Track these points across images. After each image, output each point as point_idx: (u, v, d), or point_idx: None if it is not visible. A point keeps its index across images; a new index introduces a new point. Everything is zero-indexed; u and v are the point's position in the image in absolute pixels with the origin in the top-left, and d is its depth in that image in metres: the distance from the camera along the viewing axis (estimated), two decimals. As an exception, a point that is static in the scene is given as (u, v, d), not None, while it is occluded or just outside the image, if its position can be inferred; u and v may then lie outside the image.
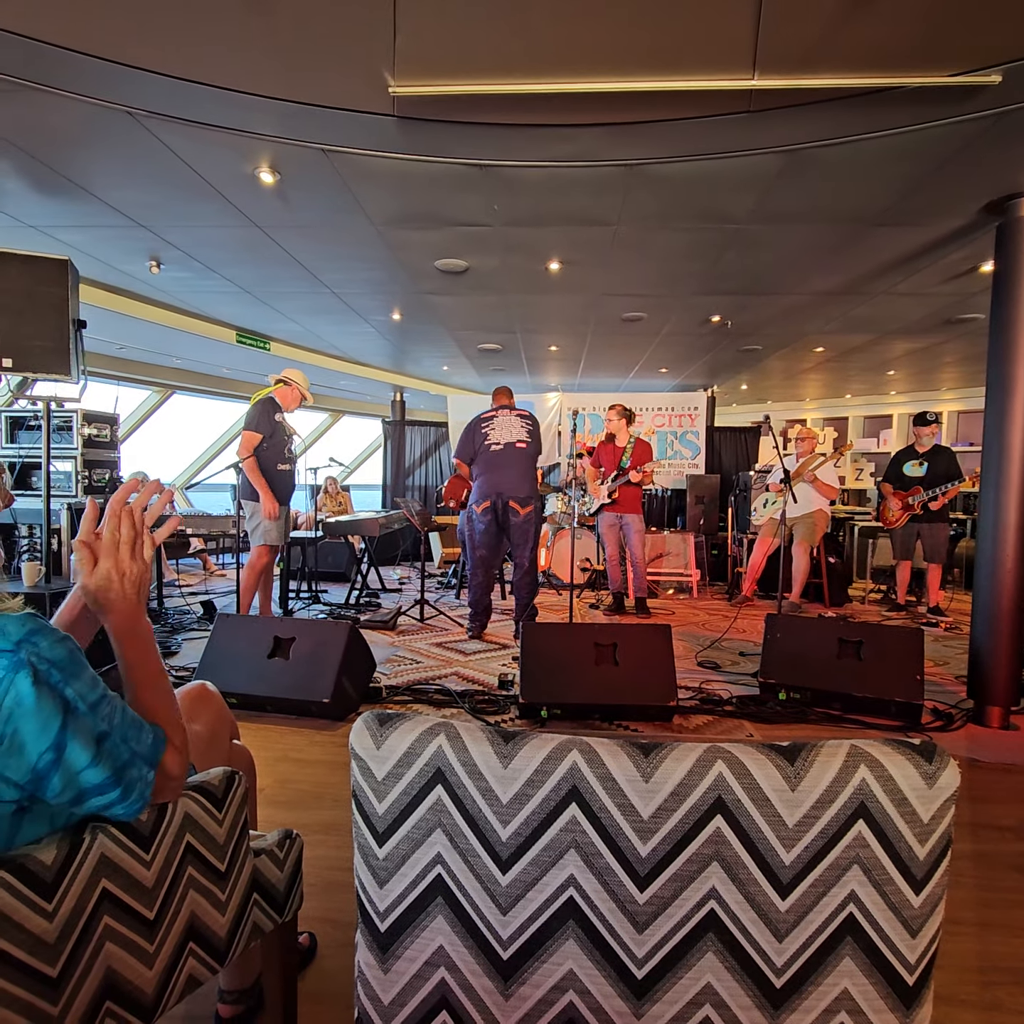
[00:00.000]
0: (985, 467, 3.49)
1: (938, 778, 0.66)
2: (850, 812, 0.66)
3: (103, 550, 0.93)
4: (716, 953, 0.69)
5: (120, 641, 0.94)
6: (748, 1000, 0.70)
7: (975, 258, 4.24)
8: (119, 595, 0.93)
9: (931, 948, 0.70)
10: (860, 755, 0.66)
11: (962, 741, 3.15)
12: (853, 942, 0.68)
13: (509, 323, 6.24)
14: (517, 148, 2.91)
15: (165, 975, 0.98)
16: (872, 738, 0.70)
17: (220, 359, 8.00)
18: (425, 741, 0.71)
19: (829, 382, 9.51)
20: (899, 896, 0.68)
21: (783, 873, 0.67)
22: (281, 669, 3.27)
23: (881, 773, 0.66)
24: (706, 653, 4.44)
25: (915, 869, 0.67)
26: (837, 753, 0.67)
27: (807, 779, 0.66)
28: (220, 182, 3.35)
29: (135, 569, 0.94)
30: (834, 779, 0.66)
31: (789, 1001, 0.69)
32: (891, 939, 0.68)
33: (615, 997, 0.71)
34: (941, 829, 0.67)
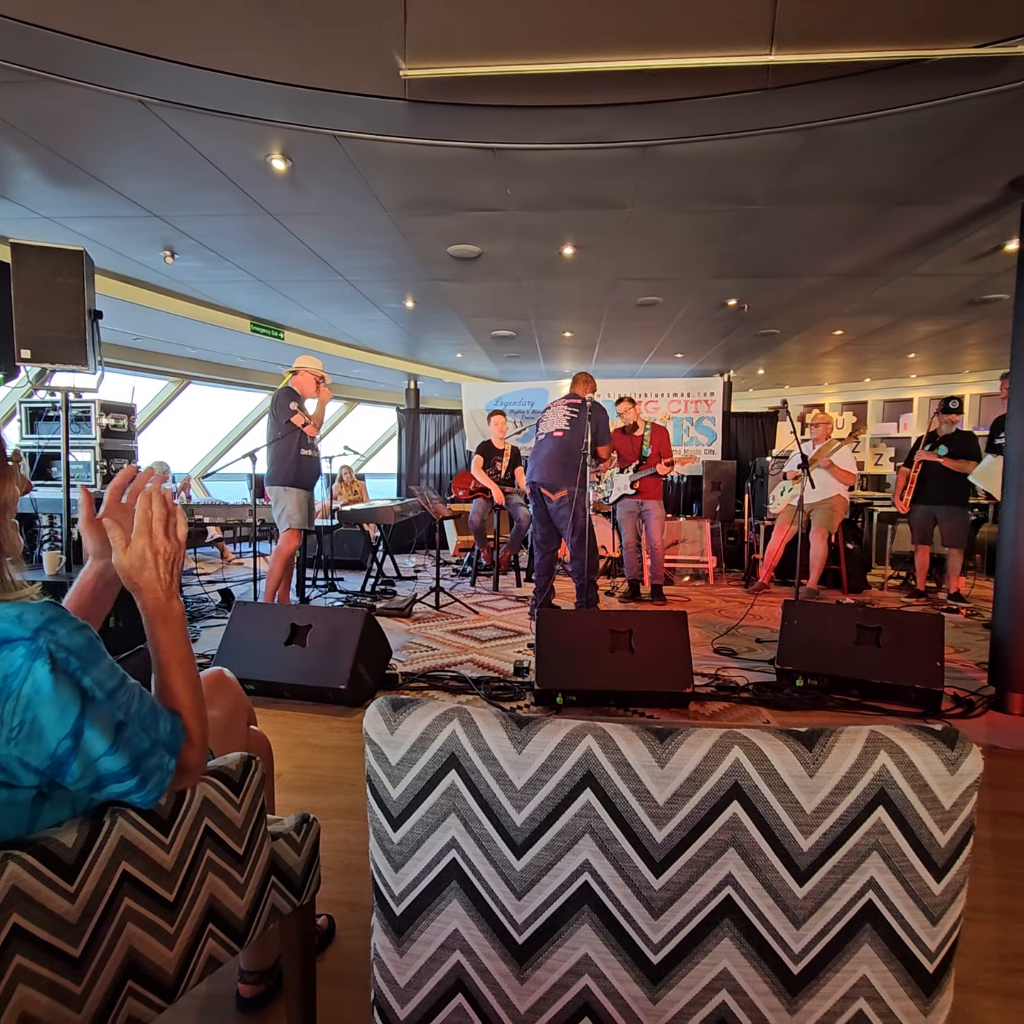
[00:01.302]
0: (1009, 451, 3.42)
1: (960, 764, 0.65)
2: (870, 798, 0.65)
3: (136, 529, 0.92)
4: (733, 939, 0.69)
5: (152, 621, 0.94)
6: (765, 986, 0.69)
7: (999, 237, 4.14)
8: (153, 574, 0.92)
9: (952, 936, 0.69)
10: (880, 741, 0.65)
11: (983, 728, 3.11)
12: (872, 929, 0.68)
13: (523, 309, 6.20)
14: (530, 130, 2.87)
15: (185, 955, 1.00)
16: (892, 724, 0.69)
17: (235, 348, 8.03)
18: (439, 727, 0.70)
19: (848, 366, 9.36)
20: (919, 883, 0.67)
21: (801, 859, 0.66)
22: (298, 656, 3.30)
23: (902, 759, 0.65)
24: (722, 640, 4.42)
25: (936, 856, 0.66)
26: (856, 739, 0.66)
27: (825, 765, 0.65)
28: (232, 170, 3.35)
29: (169, 548, 0.94)
30: (853, 765, 0.65)
31: (807, 987, 0.69)
32: (911, 926, 0.67)
33: (630, 982, 0.71)
34: (963, 816, 0.65)
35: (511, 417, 8.48)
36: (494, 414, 6.64)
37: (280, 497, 4.50)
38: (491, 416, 6.65)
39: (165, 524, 0.94)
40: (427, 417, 9.90)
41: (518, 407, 8.67)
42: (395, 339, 7.86)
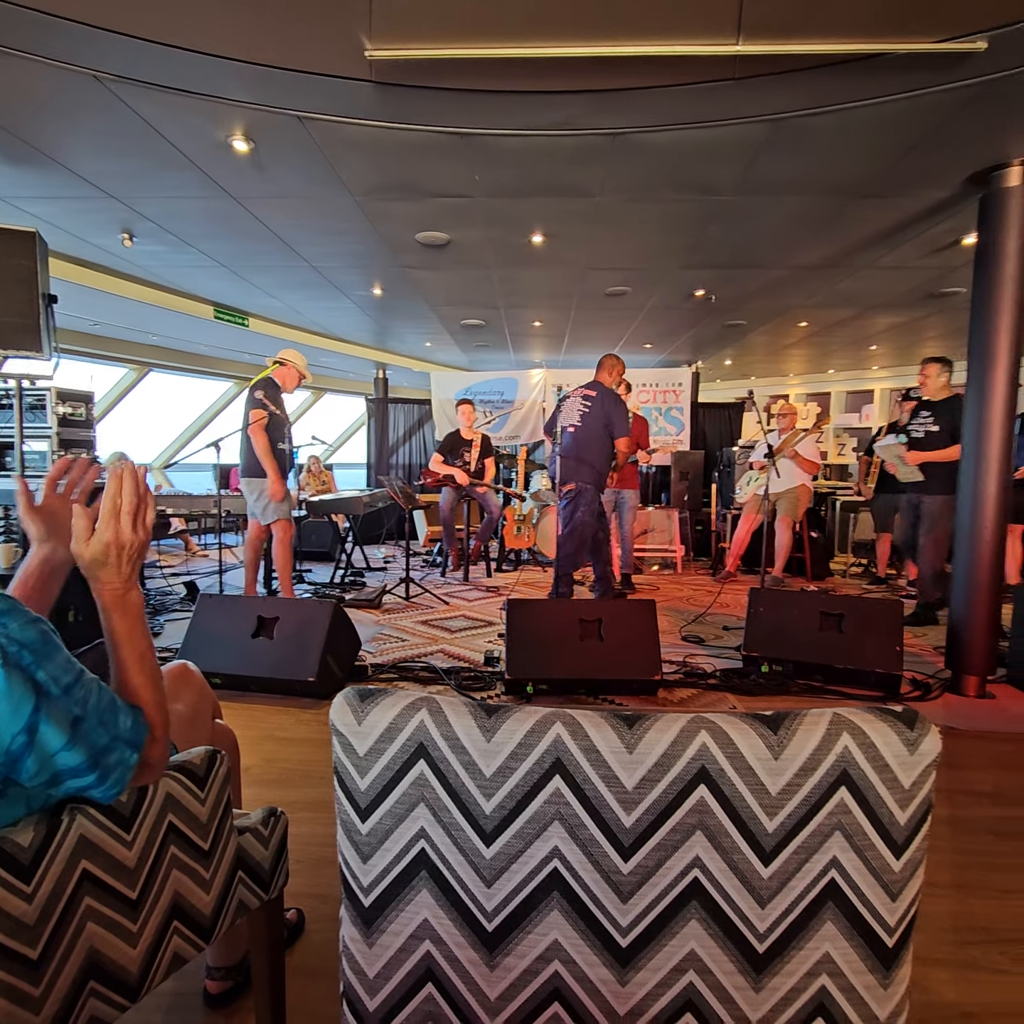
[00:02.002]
0: (966, 441, 3.52)
1: (919, 744, 0.66)
2: (833, 779, 0.66)
3: (103, 519, 0.85)
4: (700, 920, 0.70)
5: (109, 613, 0.89)
6: (731, 965, 0.70)
7: (958, 231, 4.24)
8: (114, 570, 0.87)
9: (911, 911, 0.70)
10: (843, 723, 0.66)
11: (939, 710, 3.22)
12: (834, 907, 0.69)
13: (492, 298, 6.16)
14: (498, 116, 2.85)
15: (150, 954, 0.98)
16: (854, 707, 0.70)
17: (198, 336, 7.84)
18: (407, 716, 0.70)
19: (812, 357, 9.52)
20: (880, 861, 0.68)
21: (766, 841, 0.68)
22: (265, 648, 3.25)
23: (863, 740, 0.66)
24: (690, 628, 4.48)
25: (896, 834, 0.68)
26: (820, 721, 0.67)
27: (790, 747, 0.66)
28: (192, 151, 3.25)
29: (136, 542, 0.87)
30: (817, 747, 0.66)
31: (771, 965, 0.70)
32: (872, 903, 0.69)
33: (600, 966, 0.71)
34: (922, 794, 0.67)
35: (481, 407, 8.43)
36: (462, 403, 6.45)
37: (264, 489, 4.45)
38: (459, 405, 6.46)
39: (135, 515, 0.87)
40: (396, 407, 9.82)
41: (488, 397, 8.63)
42: (363, 327, 7.76)
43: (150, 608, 4.82)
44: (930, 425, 4.38)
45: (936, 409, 4.41)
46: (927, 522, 4.39)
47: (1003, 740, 2.89)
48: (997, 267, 3.33)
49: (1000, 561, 3.47)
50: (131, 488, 0.87)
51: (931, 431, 4.36)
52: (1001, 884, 1.90)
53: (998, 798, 2.38)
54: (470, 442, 6.30)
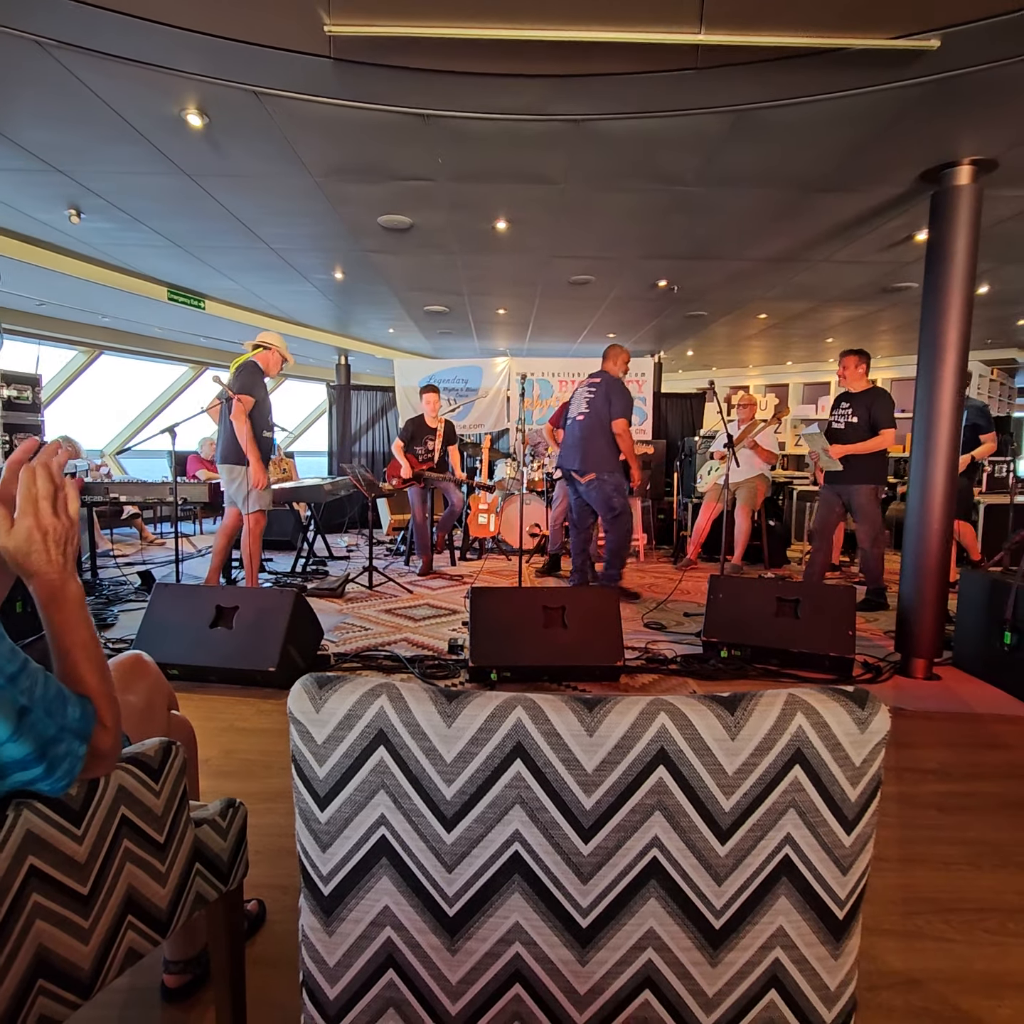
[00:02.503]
0: (916, 433, 3.63)
1: (870, 723, 0.68)
2: (787, 758, 0.68)
3: (20, 508, 0.84)
4: (658, 899, 0.71)
5: (46, 606, 0.86)
6: (688, 942, 0.72)
7: (911, 227, 4.35)
8: (42, 556, 0.84)
9: (860, 884, 0.73)
10: (797, 703, 0.68)
11: (889, 691, 3.33)
12: (788, 882, 0.71)
13: (456, 284, 6.11)
14: (461, 98, 2.81)
15: (103, 950, 0.96)
16: (808, 688, 0.72)
17: (151, 318, 7.59)
18: (366, 703, 0.69)
19: (771, 349, 9.69)
20: (832, 837, 0.70)
21: (723, 819, 0.69)
22: (224, 639, 3.19)
23: (817, 720, 0.67)
24: (652, 615, 4.54)
25: (847, 810, 0.70)
26: (775, 702, 0.68)
27: (746, 728, 0.67)
28: (143, 124, 3.13)
29: (59, 527, 0.86)
30: (772, 727, 0.67)
31: (727, 940, 0.72)
32: (823, 877, 0.71)
33: (560, 946, 0.72)
34: (872, 771, 0.69)
35: (445, 395, 8.36)
36: (426, 390, 6.17)
37: (243, 477, 4.37)
38: (423, 392, 6.20)
39: (52, 501, 0.86)
40: (359, 394, 9.67)
41: (452, 385, 8.57)
42: (324, 312, 7.61)
43: (103, 599, 4.68)
44: (849, 416, 4.50)
45: (855, 401, 4.52)
46: (859, 513, 4.51)
47: (948, 719, 3.01)
48: (947, 263, 3.43)
49: (947, 549, 3.60)
50: (45, 475, 0.86)
51: (850, 422, 4.48)
52: (945, 856, 1.98)
53: (943, 775, 2.48)
54: (434, 430, 6.09)
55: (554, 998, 0.73)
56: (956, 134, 3.12)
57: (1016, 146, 3.19)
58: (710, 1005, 0.73)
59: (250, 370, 4.39)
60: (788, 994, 0.73)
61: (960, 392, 3.49)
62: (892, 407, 4.47)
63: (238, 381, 4.34)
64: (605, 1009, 0.73)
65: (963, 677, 3.57)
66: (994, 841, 2.06)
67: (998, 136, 3.11)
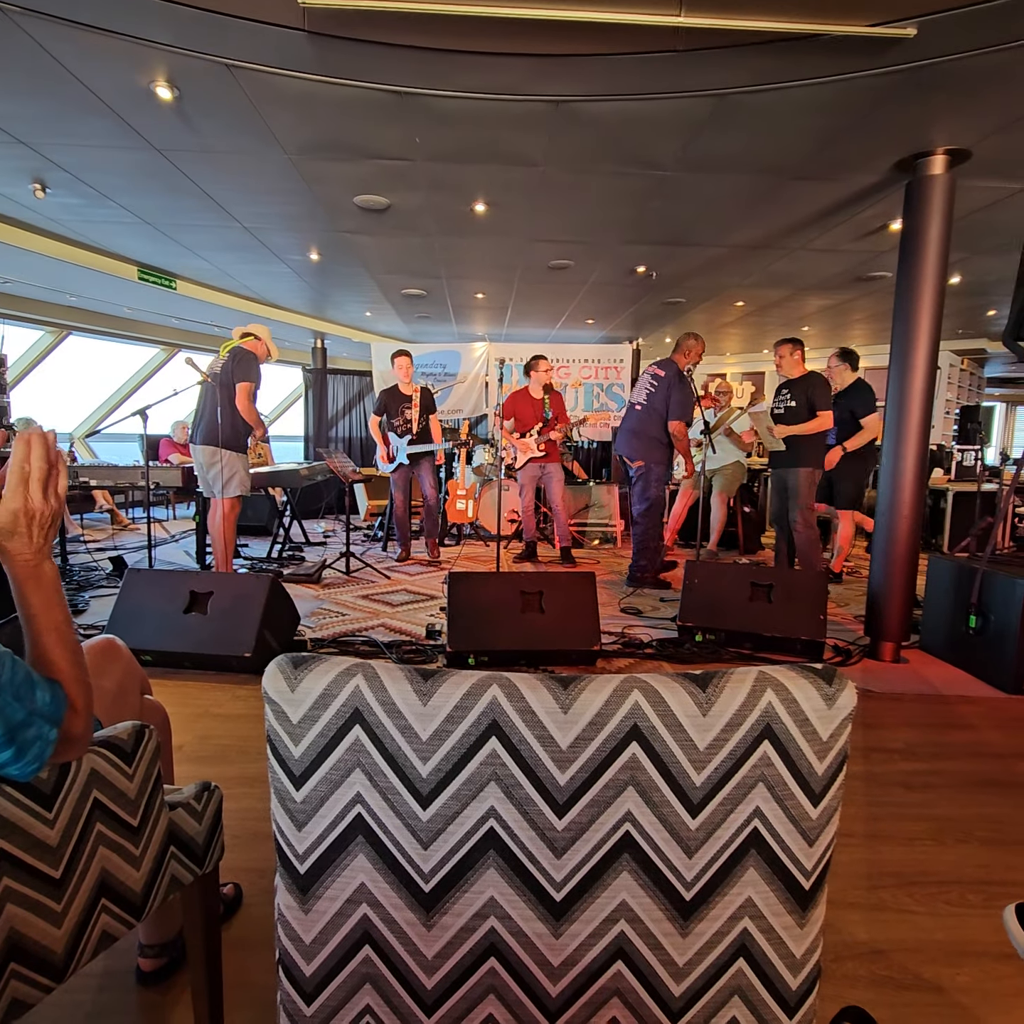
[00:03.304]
0: (887, 421, 3.69)
1: (837, 699, 0.70)
2: (757, 733, 0.69)
3: (10, 486, 0.80)
4: (631, 872, 0.72)
5: (22, 586, 0.84)
6: (660, 913, 0.73)
7: (885, 216, 4.39)
8: (24, 539, 0.82)
9: (826, 855, 0.75)
10: (767, 680, 0.69)
11: (858, 674, 3.41)
12: (757, 854, 0.73)
13: (434, 267, 6.05)
14: (439, 76, 2.77)
15: (76, 933, 0.95)
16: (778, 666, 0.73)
17: (121, 298, 7.41)
18: (342, 682, 0.69)
19: (748, 337, 9.76)
20: (799, 809, 0.72)
21: (694, 794, 0.70)
22: (199, 624, 3.16)
23: (786, 696, 0.69)
24: (629, 600, 4.58)
25: (814, 784, 0.71)
26: (746, 679, 0.70)
27: (718, 704, 0.69)
28: (110, 96, 3.04)
29: (47, 510, 0.82)
30: (743, 703, 0.69)
31: (698, 911, 0.73)
32: (791, 849, 0.73)
33: (535, 920, 0.73)
34: (838, 746, 0.71)
35: (423, 380, 8.31)
36: (397, 355, 5.54)
37: (231, 462, 4.38)
38: (394, 357, 5.55)
39: (44, 482, 0.82)
40: (335, 378, 9.57)
41: (430, 370, 8.50)
42: (300, 294, 7.49)
43: (74, 585, 4.60)
44: (789, 401, 4.57)
45: (793, 387, 4.59)
46: (793, 496, 4.53)
47: (914, 701, 3.09)
48: (920, 253, 3.47)
49: (916, 535, 3.67)
50: (40, 453, 0.82)
51: (790, 407, 4.55)
52: (909, 832, 2.04)
53: (908, 754, 2.55)
54: (409, 398, 5.50)
55: (528, 970, 0.74)
56: (930, 123, 3.15)
57: (989, 136, 3.23)
58: (680, 974, 0.75)
59: (250, 357, 4.40)
60: (755, 962, 0.75)
61: (930, 379, 3.55)
62: (829, 390, 4.54)
63: (240, 367, 4.34)
64: (578, 980, 0.75)
65: (930, 660, 3.66)
66: (956, 817, 2.13)
67: (972, 126, 3.15)
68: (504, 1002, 0.75)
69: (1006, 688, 3.18)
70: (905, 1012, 1.39)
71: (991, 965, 1.52)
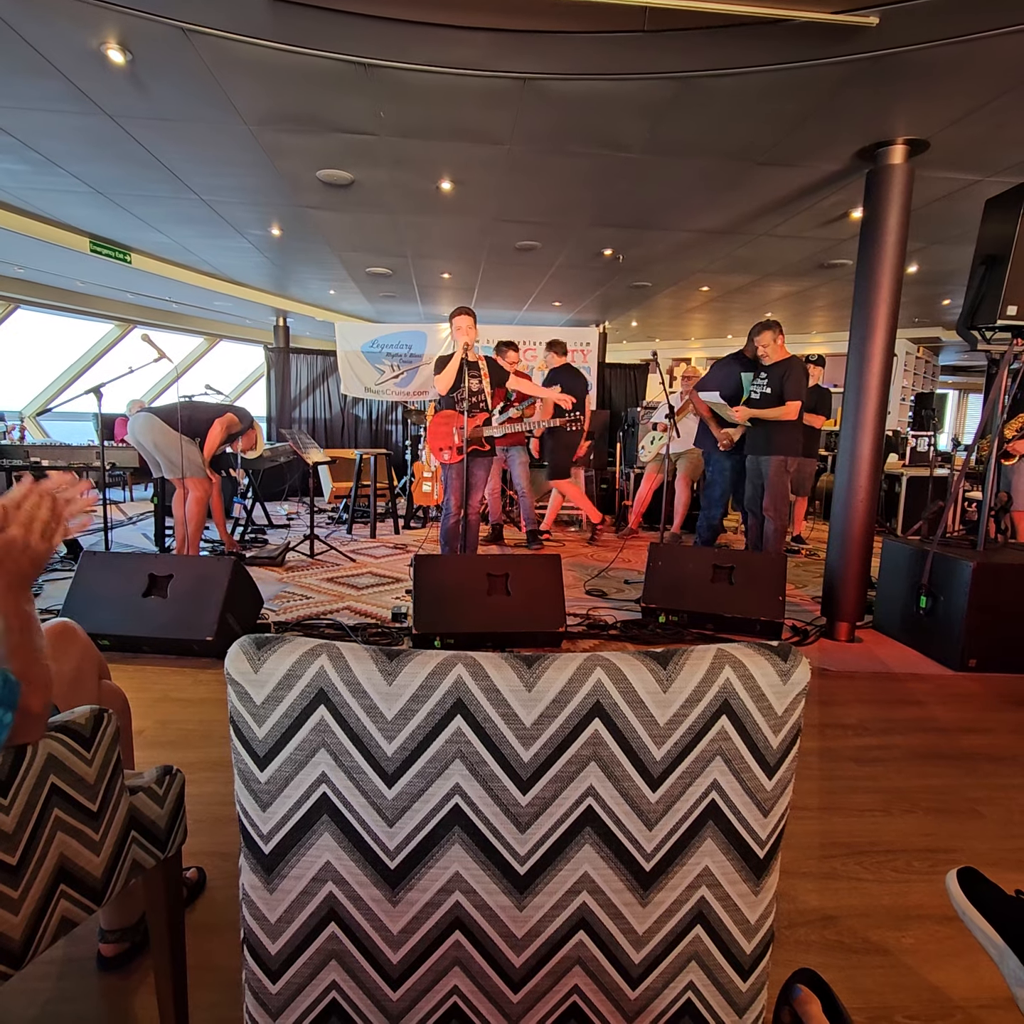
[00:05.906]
0: (845, 407, 3.78)
1: (791, 675, 0.72)
2: (715, 709, 0.71)
3: (18, 519, 0.91)
4: (593, 845, 0.74)
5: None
6: (620, 884, 0.75)
7: (847, 204, 4.46)
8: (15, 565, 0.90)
9: (780, 824, 0.78)
10: (725, 657, 0.71)
11: (815, 653, 3.51)
12: (714, 824, 0.75)
13: (399, 246, 5.95)
14: (403, 48, 2.71)
15: (34, 919, 0.94)
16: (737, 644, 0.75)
17: (72, 270, 7.13)
18: (306, 663, 0.69)
19: (712, 322, 9.86)
20: (755, 781, 0.74)
21: (654, 768, 0.72)
22: (158, 608, 3.10)
23: (743, 672, 0.71)
24: (594, 582, 4.63)
25: (769, 757, 0.74)
26: (705, 657, 0.71)
27: (678, 681, 0.70)
28: (58, 58, 2.90)
29: (40, 549, 0.94)
30: (702, 680, 0.70)
31: (657, 881, 0.76)
32: (746, 819, 0.75)
33: (499, 893, 0.74)
34: (792, 720, 0.73)
35: (388, 360, 8.20)
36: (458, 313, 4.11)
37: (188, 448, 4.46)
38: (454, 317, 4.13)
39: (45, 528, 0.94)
40: (298, 357, 9.37)
41: (395, 350, 8.40)
42: (261, 270, 7.31)
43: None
44: (764, 388, 4.56)
45: (770, 372, 4.56)
46: (766, 485, 4.56)
47: (867, 679, 3.20)
48: (879, 241, 3.54)
49: (872, 519, 3.79)
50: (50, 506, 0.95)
51: (765, 393, 4.53)
52: (860, 804, 2.12)
53: (860, 730, 2.65)
54: (477, 366, 4.20)
55: (492, 942, 0.76)
56: (891, 112, 3.19)
57: (947, 127, 3.30)
58: (640, 942, 0.77)
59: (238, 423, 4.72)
60: (712, 929, 0.78)
61: (887, 366, 3.64)
62: (804, 379, 4.48)
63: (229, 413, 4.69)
64: (541, 951, 0.76)
65: (882, 639, 3.79)
66: (904, 789, 2.22)
67: (930, 116, 3.21)
68: (469, 974, 0.77)
69: (953, 666, 3.31)
70: (854, 974, 1.46)
71: (934, 927, 1.60)
